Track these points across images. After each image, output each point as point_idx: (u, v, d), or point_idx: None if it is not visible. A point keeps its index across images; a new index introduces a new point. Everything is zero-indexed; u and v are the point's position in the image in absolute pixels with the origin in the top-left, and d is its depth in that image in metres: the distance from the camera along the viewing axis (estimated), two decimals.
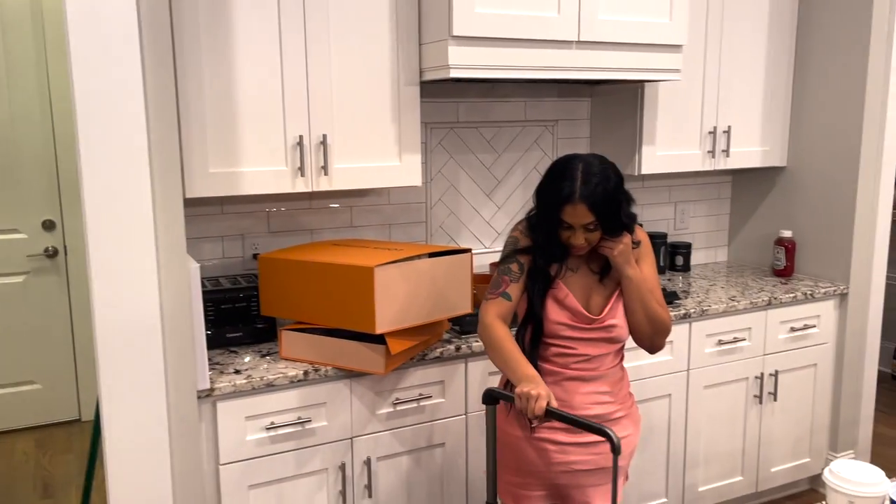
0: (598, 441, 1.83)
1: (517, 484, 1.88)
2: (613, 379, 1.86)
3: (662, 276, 3.17)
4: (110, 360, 1.73)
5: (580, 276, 1.82)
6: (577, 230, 1.71)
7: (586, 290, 1.81)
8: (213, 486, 1.99)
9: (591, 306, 1.81)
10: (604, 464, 1.85)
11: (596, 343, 1.80)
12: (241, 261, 2.49)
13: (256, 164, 2.15)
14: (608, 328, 1.80)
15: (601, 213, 1.67)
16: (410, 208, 2.73)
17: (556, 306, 1.79)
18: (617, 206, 1.69)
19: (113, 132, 1.66)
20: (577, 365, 1.80)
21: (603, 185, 1.67)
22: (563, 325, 1.78)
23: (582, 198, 1.65)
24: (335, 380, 2.08)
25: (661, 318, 1.82)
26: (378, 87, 2.28)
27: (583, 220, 1.68)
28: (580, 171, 1.68)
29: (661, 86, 2.77)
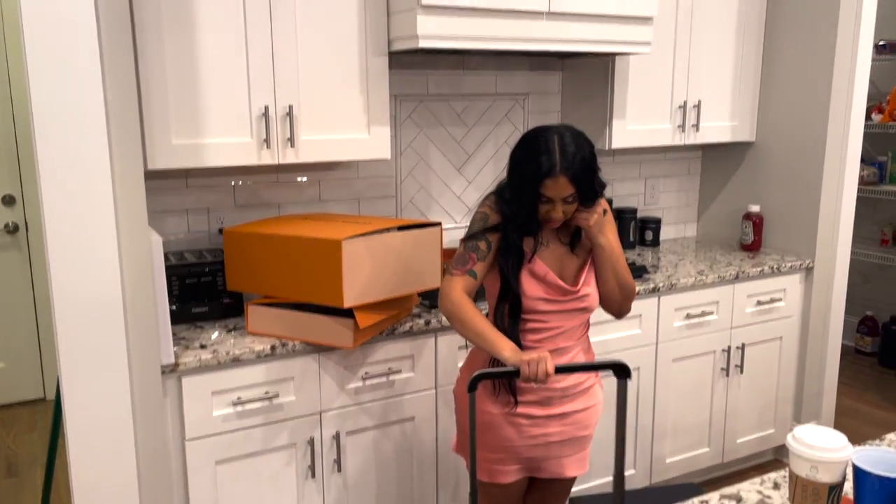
0: (570, 412, 1.85)
1: (492, 460, 1.88)
2: (583, 348, 1.88)
3: (632, 250, 3.18)
4: (70, 336, 1.69)
5: (552, 250, 1.81)
6: (557, 203, 1.70)
7: (559, 262, 1.81)
8: (179, 462, 1.97)
9: (564, 278, 1.81)
10: (576, 433, 1.88)
11: (570, 314, 1.81)
12: (207, 235, 2.44)
13: (221, 135, 2.10)
14: (582, 298, 1.81)
15: (581, 184, 1.67)
16: (380, 183, 2.70)
17: (532, 281, 1.78)
18: (592, 175, 1.70)
19: (68, 102, 1.61)
20: (551, 337, 1.81)
21: (580, 156, 1.67)
22: (539, 300, 1.78)
23: (563, 170, 1.65)
24: (303, 354, 2.06)
25: (629, 284, 1.85)
26: (345, 57, 2.23)
27: (563, 193, 1.67)
28: (556, 143, 1.66)
29: (631, 59, 2.76)
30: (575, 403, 1.86)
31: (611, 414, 2.66)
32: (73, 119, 1.62)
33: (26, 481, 3.10)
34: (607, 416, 2.65)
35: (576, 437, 1.88)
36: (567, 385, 1.83)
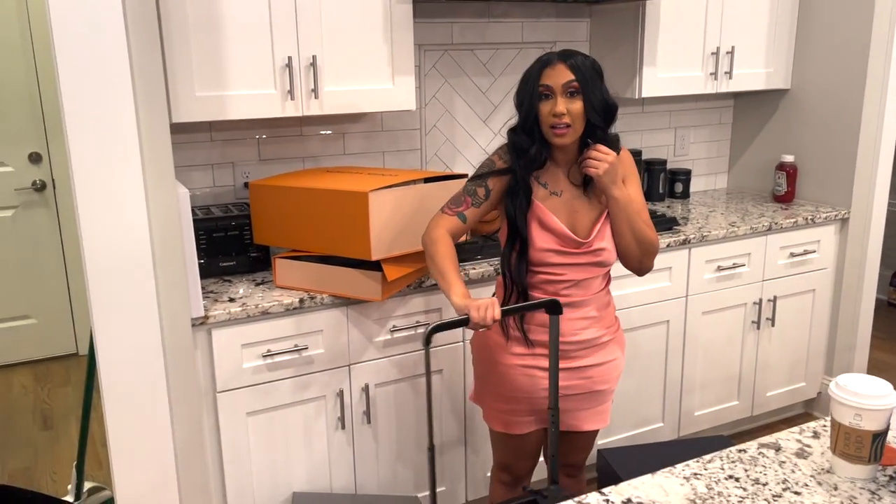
0: (586, 366, 1.83)
1: (507, 411, 1.87)
2: (601, 303, 1.83)
3: (662, 202, 3.13)
4: (101, 291, 1.69)
5: (565, 200, 1.75)
6: (559, 97, 1.65)
7: (571, 213, 1.75)
8: (211, 413, 1.99)
9: (577, 230, 1.75)
10: (593, 387, 1.85)
11: (584, 267, 1.76)
12: (233, 189, 2.43)
13: (244, 87, 2.07)
14: (596, 252, 1.75)
15: (581, 73, 1.64)
16: (404, 135, 2.66)
17: (541, 232, 1.73)
18: (598, 76, 1.68)
19: (92, 56, 1.58)
20: (566, 291, 1.77)
21: (583, 55, 1.68)
22: (550, 252, 1.73)
23: (560, 58, 1.66)
24: (331, 307, 2.06)
25: (649, 239, 1.77)
26: (369, 5, 2.17)
27: (563, 79, 1.64)
28: (558, 50, 1.71)
29: (662, 4, 2.66)
30: (592, 358, 1.83)
31: (638, 367, 2.65)
32: (99, 74, 1.60)
33: (62, 434, 3.17)
34: (636, 368, 2.64)
35: (593, 391, 1.86)
36: (583, 339, 1.80)
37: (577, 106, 1.65)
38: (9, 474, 2.88)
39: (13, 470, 2.91)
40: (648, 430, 2.74)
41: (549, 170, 1.76)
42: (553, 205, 1.75)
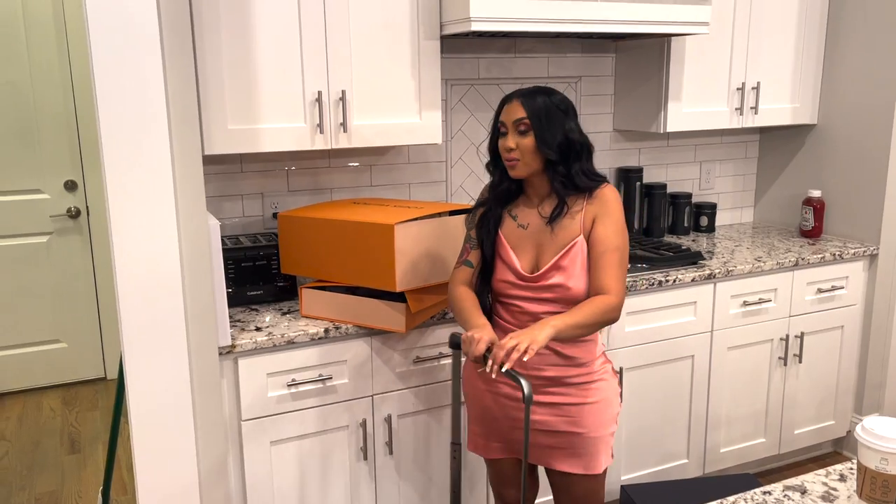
0: (560, 403, 1.79)
1: (479, 433, 1.93)
2: (576, 342, 1.76)
3: (686, 236, 3.12)
4: (132, 317, 1.73)
5: (530, 233, 1.78)
6: (509, 131, 1.71)
7: (535, 246, 1.78)
8: (235, 441, 2.01)
9: (539, 263, 1.77)
10: (567, 427, 1.80)
11: (543, 302, 1.75)
12: (262, 219, 2.48)
13: (275, 120, 2.13)
14: (551, 287, 1.73)
15: (534, 111, 1.68)
16: (430, 167, 2.70)
17: (501, 263, 1.81)
18: (557, 116, 1.70)
19: (130, 89, 1.64)
20: (529, 322, 1.75)
21: (542, 94, 1.72)
22: (506, 283, 1.79)
23: (517, 96, 1.72)
24: (356, 337, 2.08)
25: (606, 319, 1.68)
26: (398, 42, 2.23)
27: (514, 116, 1.70)
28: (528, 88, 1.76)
29: (688, 40, 2.69)
30: (567, 396, 1.79)
31: (662, 401, 2.63)
32: (136, 107, 1.65)
33: (88, 458, 3.21)
34: (660, 402, 2.62)
35: (568, 431, 1.80)
36: (550, 376, 1.77)
37: (528, 141, 1.70)
38: (36, 497, 2.92)
39: (40, 493, 2.95)
40: (673, 466, 2.71)
41: (522, 203, 1.82)
42: (518, 237, 1.79)
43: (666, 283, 2.50)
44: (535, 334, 1.57)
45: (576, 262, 1.72)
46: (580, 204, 1.74)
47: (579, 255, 1.72)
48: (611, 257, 1.70)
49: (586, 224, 1.73)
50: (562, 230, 1.75)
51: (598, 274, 1.71)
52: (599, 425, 1.82)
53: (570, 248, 1.73)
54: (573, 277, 1.72)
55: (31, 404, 3.75)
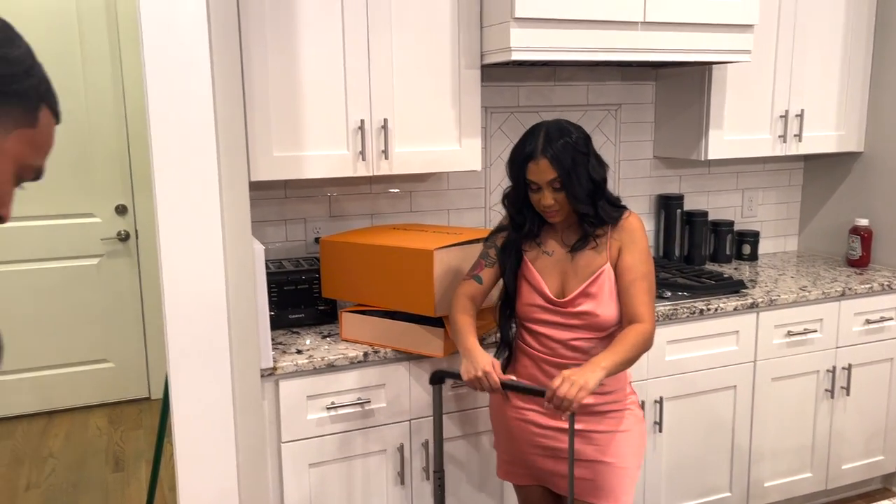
0: (587, 431, 1.78)
1: (507, 460, 1.93)
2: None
3: (729, 264, 3.08)
4: (178, 338, 1.78)
5: (556, 260, 1.79)
6: (545, 189, 1.70)
7: (561, 273, 1.79)
8: (275, 463, 2.04)
9: (566, 291, 1.77)
10: (595, 456, 1.78)
11: (572, 329, 1.76)
12: (304, 244, 2.53)
13: (319, 148, 2.18)
14: (579, 315, 1.74)
15: (564, 168, 1.66)
16: (469, 193, 2.72)
17: (528, 288, 1.80)
18: (582, 162, 1.68)
19: (182, 118, 1.71)
20: (558, 349, 1.77)
21: (564, 140, 1.68)
22: (535, 307, 1.78)
23: (543, 153, 1.67)
24: (394, 362, 2.10)
25: (644, 349, 1.71)
26: (439, 71, 2.27)
27: (546, 177, 1.68)
28: (544, 130, 1.70)
29: (729, 67, 2.68)
30: (598, 424, 1.79)
31: (703, 432, 2.58)
32: (186, 134, 1.71)
33: (132, 477, 3.27)
34: (701, 433, 2.57)
35: (597, 460, 1.78)
36: (584, 403, 1.69)
37: (563, 195, 1.70)
38: None
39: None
40: (715, 499, 2.65)
41: (546, 230, 1.82)
42: (544, 264, 1.80)
43: (707, 312, 2.47)
44: (587, 378, 1.58)
45: (603, 289, 1.75)
46: (604, 231, 1.77)
47: (607, 282, 1.75)
48: (640, 285, 1.73)
49: (612, 253, 1.77)
50: (588, 258, 1.77)
51: (630, 302, 1.73)
52: (629, 455, 1.81)
53: (598, 276, 1.75)
54: (602, 304, 1.74)
55: (78, 422, 3.84)
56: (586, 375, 1.58)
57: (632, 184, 2.98)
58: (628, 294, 1.73)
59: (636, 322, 1.72)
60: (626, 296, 1.73)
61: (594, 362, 1.63)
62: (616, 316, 1.75)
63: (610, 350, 1.67)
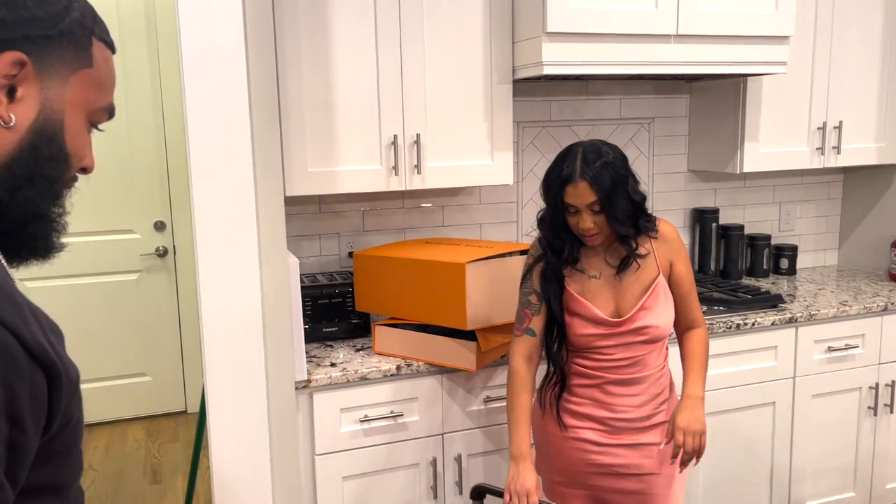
0: (646, 443, 1.78)
1: (560, 482, 1.87)
2: (656, 379, 1.80)
3: (766, 279, 3.03)
4: (215, 352, 1.81)
5: (605, 281, 1.76)
6: (584, 212, 1.66)
7: (614, 293, 1.76)
8: (309, 475, 2.05)
9: (621, 309, 1.75)
10: (652, 469, 1.78)
11: (634, 346, 1.75)
12: (338, 258, 2.56)
13: (353, 163, 2.21)
14: (638, 330, 1.74)
15: (603, 190, 1.63)
16: (501, 208, 2.73)
17: (578, 318, 1.75)
18: (621, 183, 1.65)
19: (219, 134, 1.74)
20: (619, 368, 1.76)
21: (603, 161, 1.64)
22: (592, 336, 1.74)
23: (582, 175, 1.63)
24: (427, 375, 2.10)
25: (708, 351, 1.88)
26: (471, 87, 2.29)
27: (586, 200, 1.64)
28: (581, 152, 1.66)
29: (765, 79, 2.65)
30: (650, 436, 1.79)
31: (741, 450, 2.53)
32: (223, 152, 1.75)
33: (168, 489, 3.31)
34: (739, 451, 2.52)
35: (651, 472, 1.78)
36: (637, 416, 1.77)
37: (602, 217, 1.68)
38: None
39: None
40: None
41: (586, 254, 1.78)
42: (593, 288, 1.76)
43: (744, 327, 2.43)
44: (699, 419, 1.71)
45: (658, 300, 1.76)
46: (646, 243, 1.77)
47: (661, 293, 1.77)
48: (693, 292, 1.85)
49: (663, 264, 1.79)
50: (639, 273, 1.76)
51: (687, 310, 1.85)
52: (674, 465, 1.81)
53: (654, 289, 1.76)
54: (660, 316, 1.75)
55: (117, 435, 3.91)
56: (696, 416, 1.71)
57: (666, 197, 2.96)
58: (686, 302, 1.84)
59: (694, 327, 1.86)
60: (684, 303, 1.83)
61: (692, 397, 1.74)
62: (672, 324, 1.80)
63: (694, 372, 1.80)
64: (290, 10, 2.07)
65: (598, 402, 1.77)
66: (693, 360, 1.83)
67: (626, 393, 1.77)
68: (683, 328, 1.87)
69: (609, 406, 1.77)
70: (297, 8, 2.08)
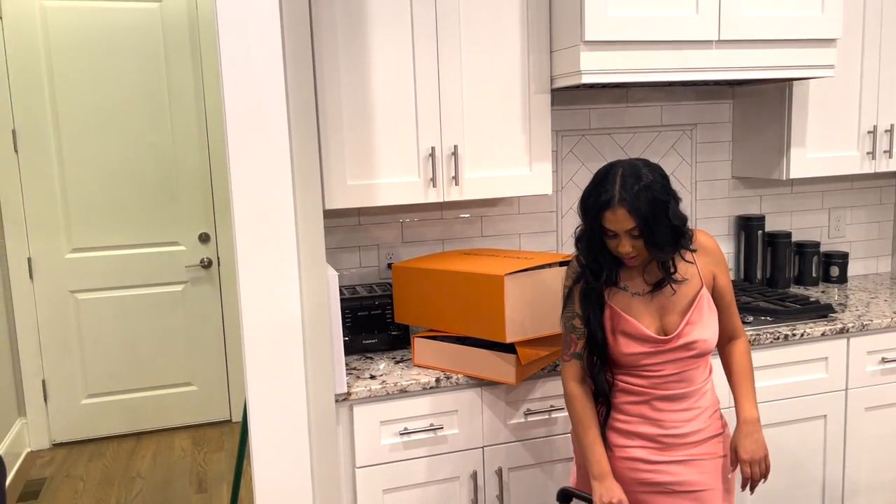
0: (697, 457, 1.74)
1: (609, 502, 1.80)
2: (704, 393, 1.78)
3: (815, 287, 2.95)
4: (257, 363, 1.83)
5: (648, 298, 1.73)
6: (622, 237, 1.62)
7: (658, 309, 1.72)
8: (349, 488, 2.05)
9: (666, 325, 1.72)
10: (706, 484, 1.74)
11: (682, 361, 1.72)
12: (377, 270, 2.57)
13: (391, 175, 2.21)
14: (687, 346, 1.70)
15: (642, 217, 1.58)
16: (540, 218, 2.71)
17: (622, 337, 1.71)
18: (662, 208, 1.59)
19: (259, 149, 1.77)
20: (666, 384, 1.73)
21: (642, 185, 1.58)
22: (640, 355, 1.71)
23: (620, 201, 1.58)
24: (466, 388, 2.09)
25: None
26: (508, 97, 2.28)
27: (624, 226, 1.60)
28: (620, 174, 1.61)
29: (811, 83, 2.58)
30: (702, 449, 1.75)
31: (790, 464, 2.46)
32: (263, 166, 1.77)
33: (213, 497, 3.36)
34: (788, 466, 2.45)
35: (704, 488, 1.74)
36: (687, 431, 1.73)
37: (641, 242, 1.63)
38: None
39: None
40: None
41: (626, 271, 1.74)
42: (636, 305, 1.72)
43: (793, 338, 2.36)
44: (761, 441, 1.74)
45: (703, 313, 1.73)
46: (687, 255, 1.74)
47: (705, 305, 1.74)
48: (733, 302, 1.84)
49: (706, 276, 1.77)
50: (681, 287, 1.73)
51: (730, 320, 1.84)
52: (732, 479, 1.79)
53: (698, 303, 1.73)
54: (706, 329, 1.73)
55: (164, 444, 3.98)
56: (758, 443, 1.74)
57: (709, 205, 2.90)
58: (728, 313, 1.83)
59: (735, 338, 1.86)
60: (727, 314, 1.83)
61: (749, 422, 1.75)
62: (717, 336, 1.77)
63: (745, 392, 1.79)
64: (327, 25, 2.09)
65: (647, 418, 1.74)
66: (742, 379, 1.81)
67: (674, 408, 1.73)
68: (725, 339, 1.86)
69: (658, 422, 1.73)
70: (334, 23, 2.10)
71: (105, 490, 3.47)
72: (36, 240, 3.86)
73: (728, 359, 1.85)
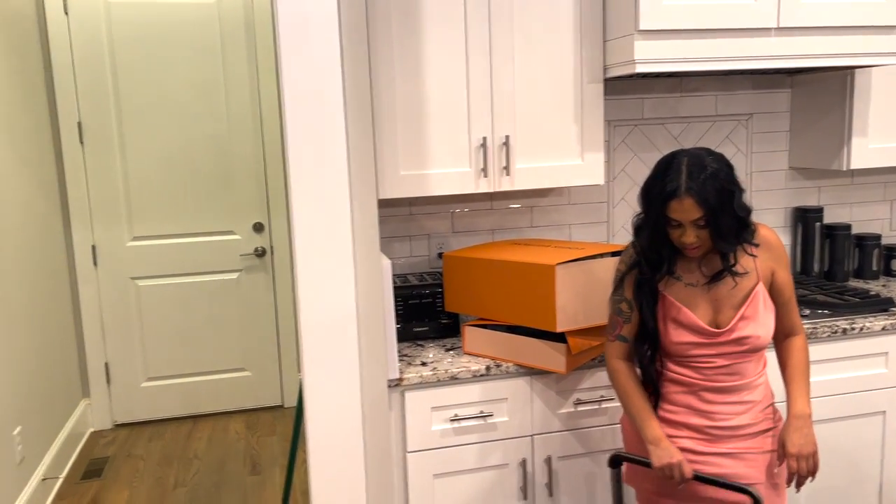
0: (746, 451, 1.73)
1: (654, 491, 1.82)
2: (757, 387, 1.75)
3: (876, 281, 2.87)
4: (313, 349, 1.88)
5: (703, 290, 1.71)
6: (687, 227, 1.61)
7: (713, 302, 1.71)
8: (400, 472, 2.09)
9: (720, 319, 1.70)
10: (755, 478, 1.73)
11: (733, 355, 1.71)
12: (428, 259, 2.60)
13: (443, 166, 2.24)
14: (739, 341, 1.69)
15: (710, 206, 1.57)
16: (591, 208, 2.70)
17: (674, 326, 1.70)
18: (728, 198, 1.58)
19: (316, 141, 1.81)
20: (716, 376, 1.71)
21: (708, 173, 1.57)
22: (687, 345, 1.70)
23: (687, 191, 1.57)
24: (516, 376, 2.11)
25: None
26: (560, 87, 2.28)
27: (691, 216, 1.59)
28: (685, 164, 1.59)
29: (874, 71, 2.51)
30: (752, 443, 1.74)
31: (846, 461, 2.41)
32: (320, 156, 1.81)
33: (267, 480, 3.45)
34: (843, 462, 2.40)
35: (756, 482, 1.72)
36: (735, 424, 1.72)
37: (706, 231, 1.62)
38: None
39: None
40: None
41: (682, 261, 1.73)
42: (691, 296, 1.71)
43: (851, 332, 2.31)
44: (811, 438, 1.70)
45: (758, 309, 1.71)
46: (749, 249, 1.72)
47: (761, 302, 1.71)
48: (793, 299, 1.81)
49: (764, 272, 1.74)
50: (738, 280, 1.71)
51: (788, 316, 1.81)
52: (782, 473, 1.77)
53: (753, 298, 1.71)
54: (760, 325, 1.71)
55: (219, 427, 4.11)
56: (807, 438, 1.70)
57: (765, 196, 2.85)
58: (786, 309, 1.80)
59: (793, 335, 1.83)
60: (785, 311, 1.80)
61: (800, 416, 1.72)
62: (772, 333, 1.75)
63: (798, 388, 1.76)
64: (383, 19, 2.12)
65: (694, 409, 1.74)
66: (796, 373, 1.78)
67: (723, 400, 1.72)
68: (782, 335, 1.83)
69: (707, 414, 1.73)
70: (389, 16, 2.13)
71: (164, 469, 3.60)
72: (99, 228, 4.00)
73: (784, 354, 1.83)
